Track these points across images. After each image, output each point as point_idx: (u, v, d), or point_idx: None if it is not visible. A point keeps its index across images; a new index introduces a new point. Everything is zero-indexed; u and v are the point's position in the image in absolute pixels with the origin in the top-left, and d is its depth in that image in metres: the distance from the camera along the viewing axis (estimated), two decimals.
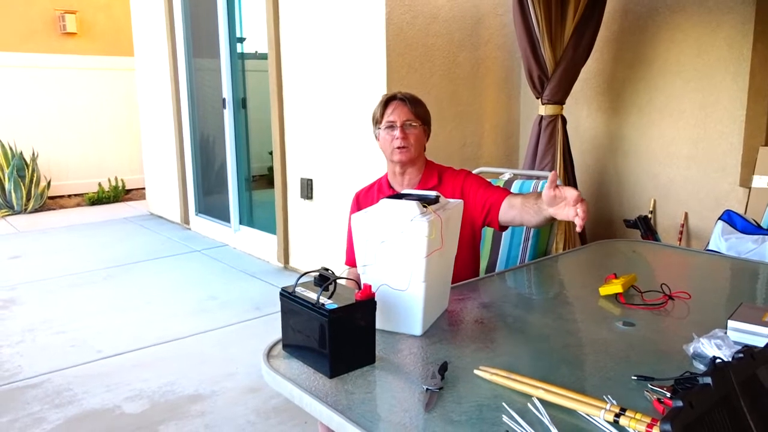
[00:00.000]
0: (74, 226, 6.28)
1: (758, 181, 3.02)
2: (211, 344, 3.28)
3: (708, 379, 0.78)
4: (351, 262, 2.01)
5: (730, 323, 1.26)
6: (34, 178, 7.07)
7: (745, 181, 3.15)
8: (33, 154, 7.22)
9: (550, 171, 3.34)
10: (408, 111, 1.93)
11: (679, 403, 0.73)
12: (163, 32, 5.83)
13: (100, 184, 7.66)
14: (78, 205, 7.51)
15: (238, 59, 5.20)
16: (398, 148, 1.91)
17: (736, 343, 1.18)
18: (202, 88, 5.70)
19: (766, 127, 3.14)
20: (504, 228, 1.93)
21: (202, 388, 2.75)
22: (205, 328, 3.46)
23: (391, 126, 1.93)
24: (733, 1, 3.15)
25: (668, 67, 3.45)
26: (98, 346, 3.22)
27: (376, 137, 2.01)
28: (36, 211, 7.05)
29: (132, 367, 2.98)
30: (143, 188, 7.24)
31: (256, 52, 5.05)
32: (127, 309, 3.81)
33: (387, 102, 1.96)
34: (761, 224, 2.69)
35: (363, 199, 2.05)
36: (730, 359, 0.85)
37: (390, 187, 2.01)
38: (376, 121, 1.98)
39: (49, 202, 7.34)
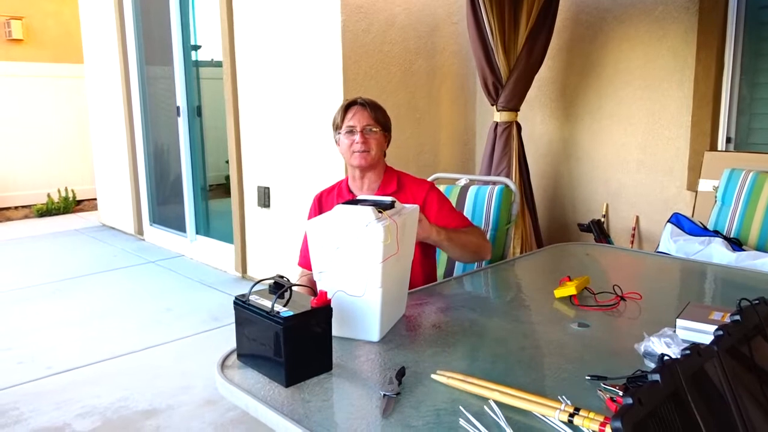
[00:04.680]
0: (22, 239, 6.06)
1: (704, 185, 3.13)
2: (167, 357, 3.19)
3: (657, 376, 0.79)
4: (304, 264, 2.00)
5: (679, 322, 1.30)
6: None
7: (692, 185, 3.26)
8: None
9: (506, 176, 3.39)
10: (368, 116, 1.94)
11: (629, 401, 0.74)
12: (114, 39, 5.69)
13: (49, 195, 7.39)
14: (26, 217, 7.24)
15: (193, 67, 5.11)
16: (357, 152, 1.91)
17: (684, 340, 1.22)
18: (155, 96, 5.58)
19: (710, 132, 3.26)
20: None
21: (157, 402, 2.68)
22: (161, 341, 3.37)
23: (351, 131, 1.93)
24: (677, 11, 3.27)
25: (617, 75, 3.55)
26: (47, 362, 3.10)
27: (336, 142, 2.01)
28: None
29: (83, 384, 2.87)
30: (95, 199, 7.03)
31: (212, 59, 4.98)
32: (78, 323, 3.68)
33: (347, 107, 1.97)
34: (707, 226, 2.78)
35: (325, 201, 2.05)
36: (678, 356, 0.87)
37: (350, 191, 2.02)
38: (337, 126, 1.98)
39: None
